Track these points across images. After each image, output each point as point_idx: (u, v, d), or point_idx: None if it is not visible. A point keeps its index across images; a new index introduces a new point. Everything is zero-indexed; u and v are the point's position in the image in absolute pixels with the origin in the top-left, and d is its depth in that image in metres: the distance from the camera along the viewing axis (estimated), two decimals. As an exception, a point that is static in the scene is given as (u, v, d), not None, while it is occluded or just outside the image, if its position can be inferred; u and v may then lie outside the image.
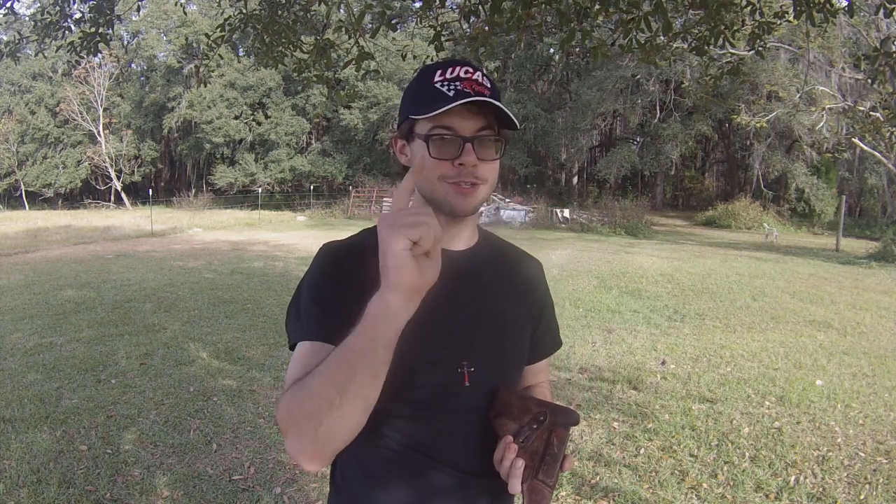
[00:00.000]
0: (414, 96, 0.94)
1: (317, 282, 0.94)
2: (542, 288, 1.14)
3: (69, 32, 3.82)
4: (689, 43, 3.55)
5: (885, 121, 9.27)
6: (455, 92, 0.89)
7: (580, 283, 8.99)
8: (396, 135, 0.99)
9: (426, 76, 0.93)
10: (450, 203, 0.93)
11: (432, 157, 0.90)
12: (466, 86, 0.90)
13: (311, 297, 0.93)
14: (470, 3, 3.47)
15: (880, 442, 3.50)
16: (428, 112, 0.88)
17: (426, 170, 0.91)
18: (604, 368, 4.79)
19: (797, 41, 17.59)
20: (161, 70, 33.62)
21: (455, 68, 0.92)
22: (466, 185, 0.92)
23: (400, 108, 0.99)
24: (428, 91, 0.91)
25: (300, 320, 0.92)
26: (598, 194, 28.52)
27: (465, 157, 0.90)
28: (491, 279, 1.04)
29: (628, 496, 2.82)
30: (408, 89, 0.97)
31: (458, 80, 0.90)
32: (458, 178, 0.91)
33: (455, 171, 0.90)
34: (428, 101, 0.90)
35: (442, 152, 0.90)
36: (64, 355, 4.89)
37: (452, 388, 0.95)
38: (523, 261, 1.13)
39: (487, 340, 1.00)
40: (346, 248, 0.98)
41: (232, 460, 3.15)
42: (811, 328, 6.37)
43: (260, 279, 8.73)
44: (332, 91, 4.12)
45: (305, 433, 0.77)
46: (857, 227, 22.47)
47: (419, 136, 0.92)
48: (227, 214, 22.97)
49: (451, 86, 0.90)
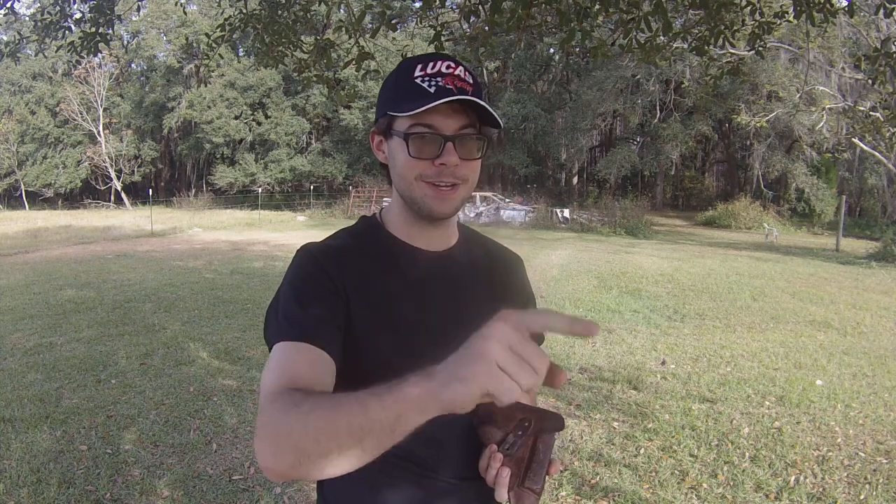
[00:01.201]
0: (392, 91, 0.90)
1: (296, 282, 0.90)
2: (523, 285, 1.11)
3: (69, 32, 3.82)
4: (689, 43, 3.55)
5: (885, 121, 9.27)
6: (436, 88, 0.85)
7: (580, 283, 8.99)
8: (374, 130, 0.95)
9: (406, 70, 0.89)
10: (428, 205, 0.90)
11: (411, 156, 0.87)
12: (448, 82, 0.86)
13: (290, 298, 0.88)
14: (470, 3, 3.47)
15: (880, 442, 3.50)
16: (408, 110, 0.84)
17: (404, 168, 0.89)
18: (604, 368, 4.79)
19: (797, 41, 17.58)
20: (161, 70, 33.63)
21: (436, 63, 0.88)
22: (446, 186, 0.89)
23: (378, 102, 0.95)
24: (408, 87, 0.87)
25: (278, 322, 0.86)
26: (598, 194, 28.56)
27: (446, 157, 0.87)
28: (470, 281, 1.00)
29: (628, 496, 2.82)
30: (386, 83, 0.93)
31: (439, 76, 0.86)
32: (437, 177, 0.88)
33: (435, 170, 0.88)
34: (408, 98, 0.86)
35: (422, 151, 0.87)
36: (64, 355, 4.89)
37: None
38: (503, 258, 1.10)
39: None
40: (324, 249, 0.95)
41: (232, 460, 3.15)
42: (811, 328, 6.37)
43: (260, 279, 8.74)
44: (332, 91, 4.12)
45: (284, 459, 0.67)
46: (857, 227, 22.44)
47: (397, 134, 0.88)
48: (227, 214, 22.96)
49: (431, 81, 0.86)
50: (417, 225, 0.96)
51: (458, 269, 1.00)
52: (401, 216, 0.97)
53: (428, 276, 0.96)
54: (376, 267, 0.94)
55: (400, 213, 0.97)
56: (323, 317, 0.85)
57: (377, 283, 0.92)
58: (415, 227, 0.97)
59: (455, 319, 0.96)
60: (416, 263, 0.96)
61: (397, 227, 0.98)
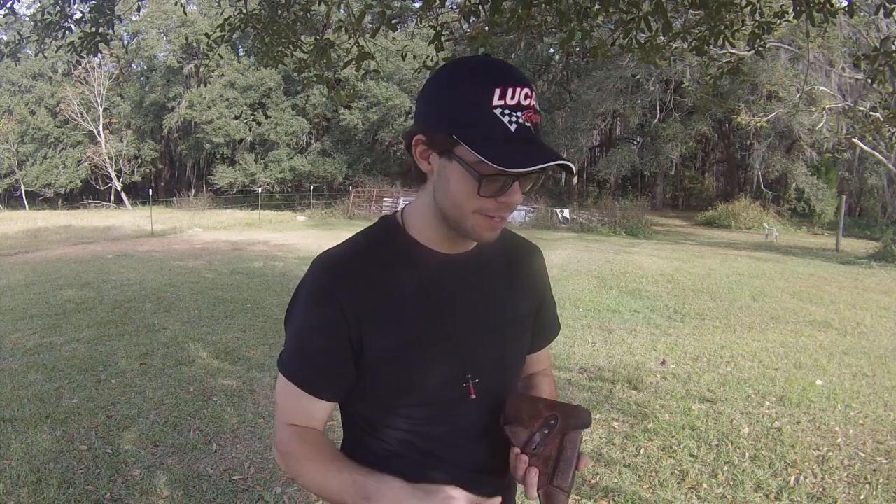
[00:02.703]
0: (463, 110, 0.81)
1: (306, 327, 0.92)
2: (542, 276, 1.11)
3: (69, 32, 3.83)
4: (689, 43, 3.56)
5: (885, 121, 9.28)
6: (517, 126, 0.79)
7: (580, 283, 8.99)
8: (422, 138, 0.86)
9: (482, 90, 0.80)
10: (478, 234, 0.88)
11: (481, 195, 0.82)
12: (527, 118, 0.80)
13: (299, 344, 0.94)
14: (470, 3, 3.48)
15: (880, 442, 3.50)
16: (489, 155, 0.77)
17: (463, 199, 0.84)
18: (604, 368, 4.79)
19: (797, 41, 17.59)
20: (161, 70, 33.60)
21: (516, 90, 0.80)
22: (500, 218, 0.87)
23: (433, 108, 0.86)
24: (486, 116, 0.79)
25: (290, 356, 0.95)
26: (598, 194, 28.54)
27: (510, 196, 0.84)
28: (493, 279, 1.00)
29: (628, 496, 2.82)
30: (453, 95, 0.83)
31: (519, 110, 0.80)
32: (496, 212, 0.86)
33: (496, 206, 0.85)
34: (485, 131, 0.79)
35: (489, 190, 0.82)
36: (64, 355, 4.89)
37: (459, 403, 0.94)
38: (524, 250, 1.09)
39: (490, 348, 0.97)
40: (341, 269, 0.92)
41: (232, 460, 3.15)
42: (811, 328, 6.37)
43: (260, 279, 8.73)
44: (332, 91, 4.12)
45: (302, 483, 0.98)
46: (857, 227, 22.45)
47: (461, 163, 0.82)
48: (227, 214, 22.96)
49: (512, 117, 0.79)
50: (449, 237, 0.94)
51: (481, 267, 0.99)
52: (430, 226, 0.94)
53: (451, 280, 0.96)
54: (393, 277, 0.92)
55: (430, 223, 0.93)
56: (329, 371, 0.93)
57: (393, 298, 0.91)
58: (446, 238, 0.94)
59: (478, 324, 0.97)
60: (437, 267, 0.95)
61: (422, 233, 0.95)
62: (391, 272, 0.92)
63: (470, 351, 0.95)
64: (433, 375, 0.92)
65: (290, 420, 0.96)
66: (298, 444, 0.94)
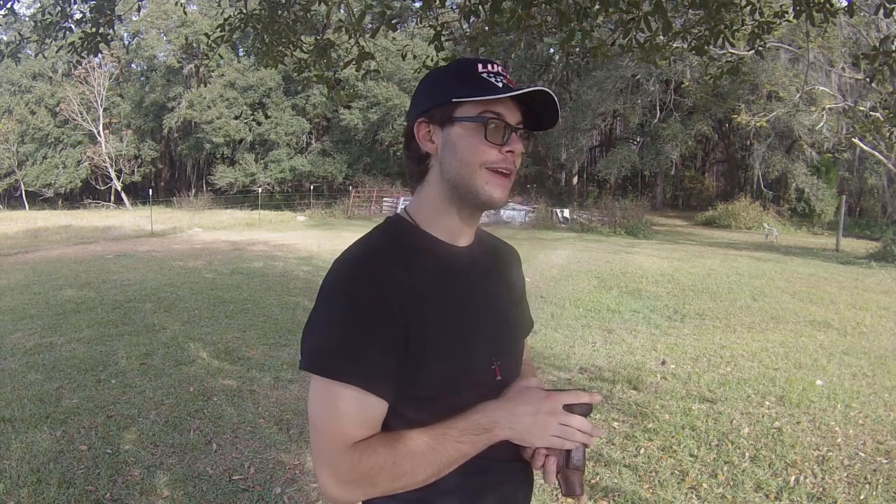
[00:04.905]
0: (455, 82, 0.93)
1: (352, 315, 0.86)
2: (521, 276, 1.18)
3: (69, 33, 3.82)
4: (689, 43, 3.56)
5: (885, 121, 9.28)
6: (503, 84, 0.92)
7: (580, 283, 8.99)
8: (423, 119, 0.95)
9: (467, 66, 0.94)
10: (488, 192, 0.93)
11: (486, 139, 0.91)
12: (508, 81, 0.93)
13: (348, 333, 0.85)
14: (470, 3, 3.47)
15: (880, 442, 3.50)
16: (486, 95, 0.89)
17: (471, 154, 0.92)
18: (604, 368, 4.79)
19: (797, 41, 17.58)
20: (161, 70, 33.62)
21: (494, 65, 0.95)
22: (505, 171, 0.93)
23: (429, 93, 0.96)
24: (475, 79, 0.92)
25: (338, 356, 0.85)
26: (598, 194, 28.57)
27: (513, 145, 0.93)
28: (490, 271, 1.06)
29: (628, 496, 2.82)
30: (445, 76, 0.96)
31: (500, 75, 0.93)
32: (502, 163, 0.92)
33: (501, 157, 0.92)
34: (478, 88, 0.91)
35: (494, 137, 0.91)
36: (64, 355, 4.89)
37: (488, 386, 0.96)
38: (508, 253, 1.16)
39: (506, 331, 1.04)
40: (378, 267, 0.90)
41: (232, 460, 3.15)
42: (811, 328, 6.37)
43: (260, 279, 8.73)
44: (332, 91, 4.12)
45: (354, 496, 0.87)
46: (857, 227, 22.46)
47: (467, 119, 0.91)
48: (227, 214, 22.96)
49: (496, 78, 0.92)
50: (459, 220, 0.97)
51: (481, 261, 1.04)
52: (439, 210, 0.97)
53: (463, 270, 0.99)
54: (420, 269, 0.93)
55: (438, 208, 0.97)
56: (387, 366, 0.86)
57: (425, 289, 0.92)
58: (456, 224, 0.98)
59: (491, 309, 1.02)
60: (453, 257, 0.98)
61: (433, 225, 0.98)
62: (415, 264, 0.93)
63: (491, 335, 0.99)
64: (474, 360, 0.96)
65: (352, 435, 0.85)
66: (382, 452, 0.85)
